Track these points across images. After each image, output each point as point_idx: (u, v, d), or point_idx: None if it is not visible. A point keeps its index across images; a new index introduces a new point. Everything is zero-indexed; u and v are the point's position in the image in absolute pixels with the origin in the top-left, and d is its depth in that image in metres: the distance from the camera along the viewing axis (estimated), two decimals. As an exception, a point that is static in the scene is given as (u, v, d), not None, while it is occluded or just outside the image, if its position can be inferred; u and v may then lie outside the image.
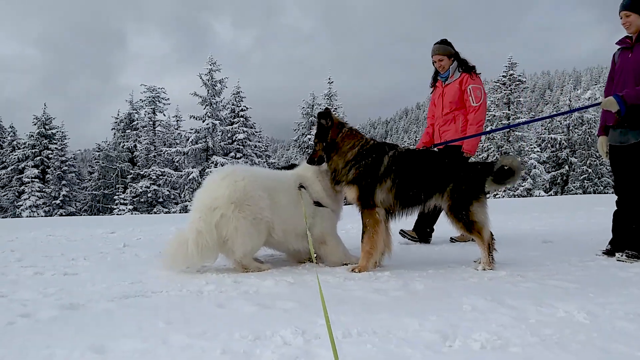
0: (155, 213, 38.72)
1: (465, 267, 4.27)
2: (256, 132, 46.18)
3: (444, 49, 6.25)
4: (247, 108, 43.39)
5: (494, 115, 47.09)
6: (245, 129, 42.08)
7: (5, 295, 3.25)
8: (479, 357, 2.10)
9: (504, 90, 47.04)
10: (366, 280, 3.71)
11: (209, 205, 4.05)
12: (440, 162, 4.40)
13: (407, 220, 4.63)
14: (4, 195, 47.50)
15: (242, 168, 4.45)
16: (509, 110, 46.88)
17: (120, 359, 2.09)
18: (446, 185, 4.27)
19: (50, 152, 48.13)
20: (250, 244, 4.14)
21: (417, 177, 4.26)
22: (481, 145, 48.19)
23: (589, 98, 51.35)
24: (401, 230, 6.27)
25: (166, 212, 37.95)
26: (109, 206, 46.46)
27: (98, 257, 5.09)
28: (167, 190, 41.21)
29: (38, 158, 48.12)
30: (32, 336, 2.39)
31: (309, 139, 47.11)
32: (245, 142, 42.70)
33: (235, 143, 41.97)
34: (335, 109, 50.18)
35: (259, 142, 45.33)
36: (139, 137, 45.97)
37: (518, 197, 39.21)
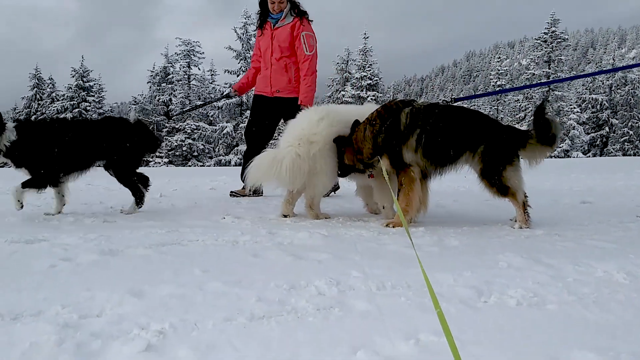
0: (190, 166, 39.20)
1: (501, 225, 4.21)
2: (291, 87, 45.88)
3: None
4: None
5: (533, 74, 45.90)
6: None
7: (47, 239, 3.34)
8: (515, 313, 2.08)
9: (545, 48, 45.70)
10: (400, 235, 3.69)
11: (307, 138, 4.28)
12: (468, 120, 4.18)
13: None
14: (45, 146, 48.45)
15: (335, 112, 4.58)
16: (549, 68, 45.60)
17: (158, 304, 2.13)
18: (477, 146, 4.09)
19: (87, 104, 48.80)
20: (329, 185, 4.53)
21: (443, 134, 4.08)
22: (518, 104, 47.17)
23: (634, 57, 49.51)
24: (231, 191, 6.45)
25: (201, 166, 38.35)
26: (145, 159, 47.16)
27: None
28: (202, 145, 41.56)
29: (76, 110, 48.84)
30: (74, 279, 2.46)
31: (343, 96, 46.70)
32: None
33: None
34: (371, 64, 49.49)
35: (293, 97, 45.08)
36: (174, 91, 46.17)
37: (555, 157, 38.49)
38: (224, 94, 6.05)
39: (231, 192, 6.48)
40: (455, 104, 4.43)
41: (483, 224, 4.28)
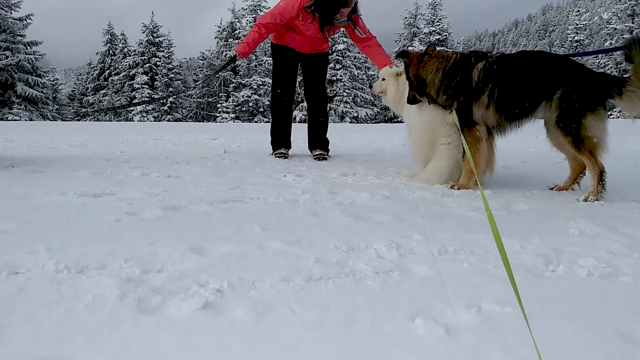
0: (255, 122, 39.65)
1: (574, 190, 4.01)
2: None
3: None
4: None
5: (615, 29, 43.34)
6: (344, 39, 41.43)
7: (114, 193, 3.43)
8: (585, 284, 1.97)
9: (629, 0, 42.85)
10: (465, 198, 3.58)
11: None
12: (544, 65, 3.77)
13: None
14: (117, 100, 50.29)
15: None
16: (633, 23, 42.91)
17: (218, 261, 2.14)
18: (554, 91, 3.66)
19: (158, 59, 49.93)
20: None
21: (518, 86, 3.76)
22: (597, 61, 44.74)
23: None
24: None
25: (267, 122, 38.72)
26: (212, 114, 48.12)
27: (200, 162, 5.27)
28: (268, 100, 41.86)
29: (147, 65, 50.12)
30: (137, 233, 2.51)
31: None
32: (345, 52, 42.17)
33: (334, 54, 41.53)
34: (440, 19, 48.07)
35: (358, 52, 44.57)
36: (241, 46, 46.35)
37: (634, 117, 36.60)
38: (232, 57, 5.90)
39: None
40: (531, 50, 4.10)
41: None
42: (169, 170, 4.53)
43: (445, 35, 48.22)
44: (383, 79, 4.90)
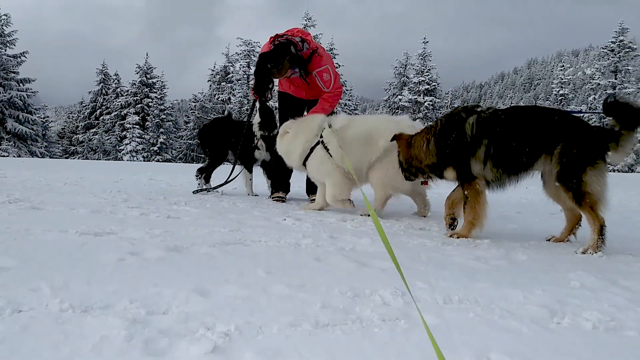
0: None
1: (571, 242, 4.04)
2: (347, 90, 45.97)
3: None
4: (339, 65, 43.14)
5: (598, 84, 44.40)
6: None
7: (114, 232, 3.42)
8: (592, 338, 1.97)
9: (612, 57, 44.10)
10: (465, 247, 3.60)
11: None
12: (543, 119, 3.79)
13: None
14: (108, 139, 50.35)
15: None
16: (616, 79, 44.02)
17: (224, 304, 2.12)
18: (554, 146, 3.67)
19: (150, 100, 50.28)
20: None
21: (514, 140, 3.78)
22: (582, 116, 45.59)
23: None
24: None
25: (260, 165, 38.78)
26: (202, 155, 48.18)
27: (198, 203, 5.27)
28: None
29: (139, 105, 50.44)
30: (141, 273, 2.49)
31: (400, 100, 46.39)
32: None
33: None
34: (429, 69, 48.97)
35: (349, 100, 45.23)
36: (234, 90, 46.93)
37: (618, 172, 37.08)
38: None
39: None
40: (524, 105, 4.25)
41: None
42: (168, 211, 4.53)
43: (434, 85, 49.07)
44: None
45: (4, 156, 38.24)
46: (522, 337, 1.91)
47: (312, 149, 5.19)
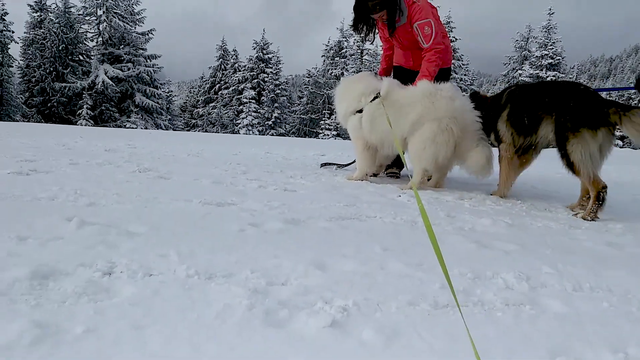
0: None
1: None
2: (463, 64, 44.58)
3: None
4: (455, 39, 41.86)
5: None
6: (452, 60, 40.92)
7: (236, 203, 3.52)
8: None
9: None
10: (596, 231, 3.36)
11: None
12: (547, 88, 4.12)
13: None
14: (225, 113, 52.32)
15: None
16: None
17: (342, 279, 2.12)
18: (551, 114, 3.95)
19: (266, 75, 51.45)
20: None
21: (524, 105, 4.23)
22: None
23: None
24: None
25: (369, 140, 38.74)
26: (315, 130, 48.83)
27: (313, 177, 5.31)
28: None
29: (255, 81, 51.77)
30: (261, 244, 2.54)
31: (519, 75, 44.34)
32: (451, 74, 41.56)
33: (441, 75, 41.05)
34: (553, 42, 46.24)
35: (464, 75, 43.81)
36: (347, 65, 46.98)
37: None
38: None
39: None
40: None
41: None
42: (285, 184, 4.60)
43: (559, 59, 46.23)
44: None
45: (132, 128, 40.95)
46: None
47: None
